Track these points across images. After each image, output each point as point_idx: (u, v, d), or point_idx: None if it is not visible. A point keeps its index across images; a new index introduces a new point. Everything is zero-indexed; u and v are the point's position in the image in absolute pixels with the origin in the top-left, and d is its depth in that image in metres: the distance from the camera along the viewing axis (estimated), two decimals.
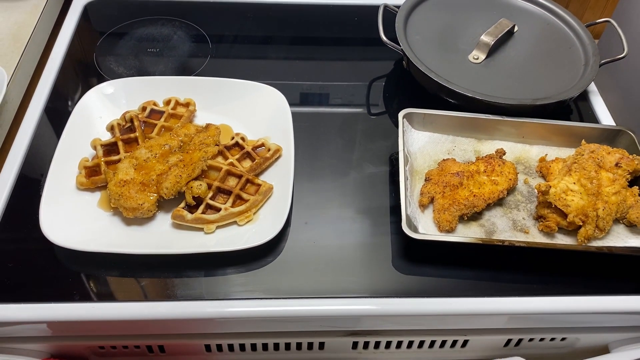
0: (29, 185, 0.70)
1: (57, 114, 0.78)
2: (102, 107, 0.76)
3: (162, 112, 0.76)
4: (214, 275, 0.63)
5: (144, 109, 0.76)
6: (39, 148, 0.74)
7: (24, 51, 0.84)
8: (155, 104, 0.77)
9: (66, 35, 0.90)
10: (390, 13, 0.87)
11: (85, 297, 0.61)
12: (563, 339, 0.69)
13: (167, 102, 0.77)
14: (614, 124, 0.82)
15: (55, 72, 0.84)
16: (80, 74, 0.87)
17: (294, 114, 0.75)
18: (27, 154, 0.73)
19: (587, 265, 0.66)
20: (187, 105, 0.77)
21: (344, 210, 0.71)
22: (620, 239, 0.67)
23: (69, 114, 0.74)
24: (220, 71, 0.86)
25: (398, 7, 0.87)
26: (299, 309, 0.61)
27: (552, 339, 0.69)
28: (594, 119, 0.83)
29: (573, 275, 0.66)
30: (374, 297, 0.62)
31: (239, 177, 0.69)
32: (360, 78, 0.88)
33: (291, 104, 0.76)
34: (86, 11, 0.96)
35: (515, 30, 0.88)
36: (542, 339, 0.69)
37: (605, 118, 0.83)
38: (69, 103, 0.81)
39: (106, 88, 0.78)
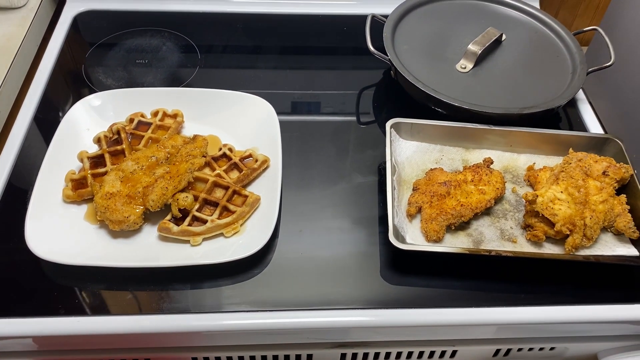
0: (15, 198, 0.70)
1: (45, 126, 0.78)
2: (89, 120, 0.76)
3: (149, 124, 0.76)
4: (201, 287, 0.63)
5: (131, 120, 0.76)
6: (27, 160, 0.74)
7: (12, 63, 0.84)
8: (142, 116, 0.77)
9: (55, 47, 0.90)
10: (378, 23, 0.87)
11: (70, 311, 0.60)
12: (552, 348, 0.69)
13: (155, 114, 0.77)
14: (602, 131, 0.82)
15: (44, 84, 0.84)
16: (69, 85, 0.87)
17: (283, 124, 0.75)
18: (14, 165, 0.73)
19: (575, 275, 0.66)
20: (174, 116, 0.77)
21: (333, 220, 0.70)
22: (608, 247, 0.67)
23: (57, 125, 0.73)
24: (209, 82, 0.86)
25: (386, 16, 0.88)
26: (287, 321, 0.61)
27: (541, 349, 0.69)
28: (582, 126, 0.83)
29: (561, 285, 0.65)
30: (362, 308, 0.62)
31: (226, 188, 0.69)
32: (349, 88, 0.88)
33: (281, 114, 0.76)
34: (76, 22, 0.96)
35: (503, 39, 0.88)
36: (530, 349, 0.69)
37: (594, 126, 0.83)
38: (58, 114, 0.81)
39: (93, 100, 0.77)
